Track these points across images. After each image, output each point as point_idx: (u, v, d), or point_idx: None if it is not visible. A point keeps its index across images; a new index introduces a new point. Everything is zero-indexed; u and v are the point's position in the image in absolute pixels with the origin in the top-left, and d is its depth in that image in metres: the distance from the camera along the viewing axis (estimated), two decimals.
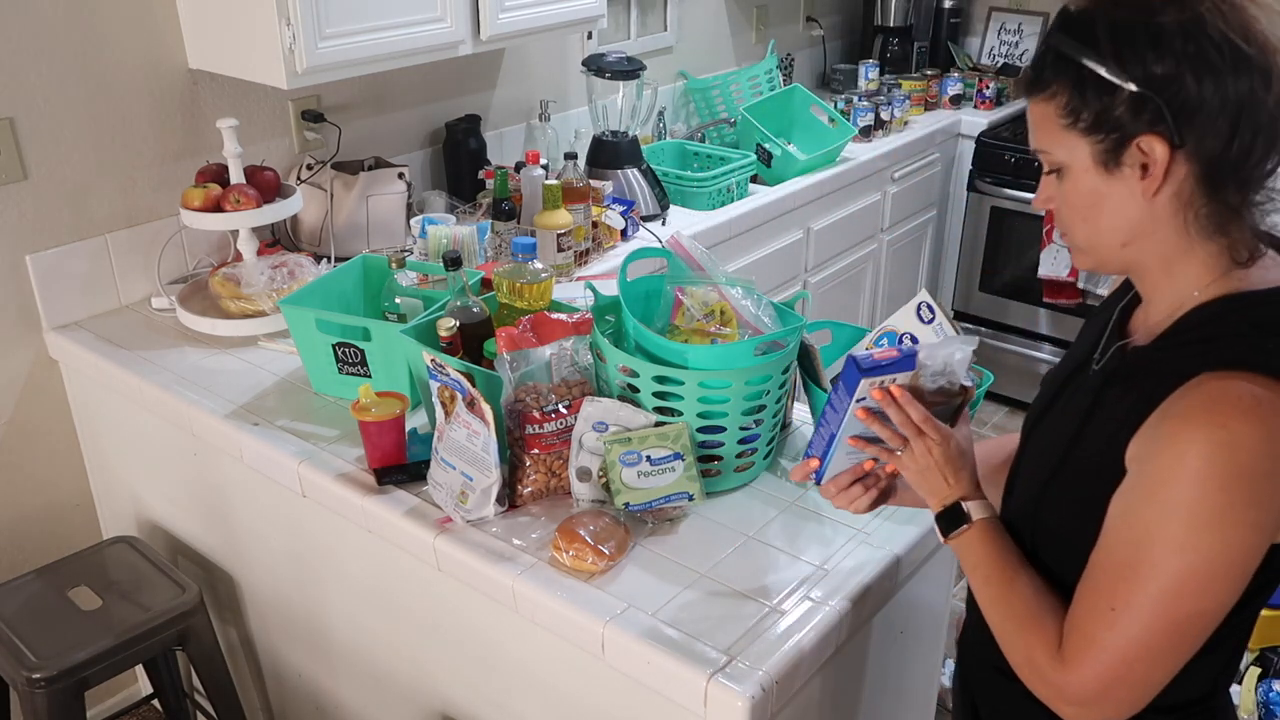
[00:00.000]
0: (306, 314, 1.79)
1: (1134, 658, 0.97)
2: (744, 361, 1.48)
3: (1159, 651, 0.97)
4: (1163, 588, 0.95)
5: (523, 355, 1.52)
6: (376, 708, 1.87)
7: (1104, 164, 0.99)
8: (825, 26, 4.05)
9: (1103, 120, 0.97)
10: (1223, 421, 0.92)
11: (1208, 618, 0.97)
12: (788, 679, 1.29)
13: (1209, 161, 0.96)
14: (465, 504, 1.50)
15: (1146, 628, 0.96)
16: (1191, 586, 0.94)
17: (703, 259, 1.68)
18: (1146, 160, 0.96)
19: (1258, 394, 0.92)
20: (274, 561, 1.92)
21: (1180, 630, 0.96)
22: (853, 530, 1.52)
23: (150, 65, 2.16)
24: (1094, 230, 1.03)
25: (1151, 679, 0.99)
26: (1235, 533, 0.93)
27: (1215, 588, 0.95)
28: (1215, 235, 0.99)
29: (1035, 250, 3.62)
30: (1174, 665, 0.99)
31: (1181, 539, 0.93)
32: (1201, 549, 0.93)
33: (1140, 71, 0.94)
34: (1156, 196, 0.98)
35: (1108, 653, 0.98)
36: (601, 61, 2.73)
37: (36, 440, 2.20)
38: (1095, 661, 0.99)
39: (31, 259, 2.07)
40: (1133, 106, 0.95)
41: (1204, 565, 0.94)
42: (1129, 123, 0.96)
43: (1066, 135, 1.00)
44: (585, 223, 2.40)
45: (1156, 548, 0.95)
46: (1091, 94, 0.97)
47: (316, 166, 2.38)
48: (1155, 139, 0.95)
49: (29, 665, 1.71)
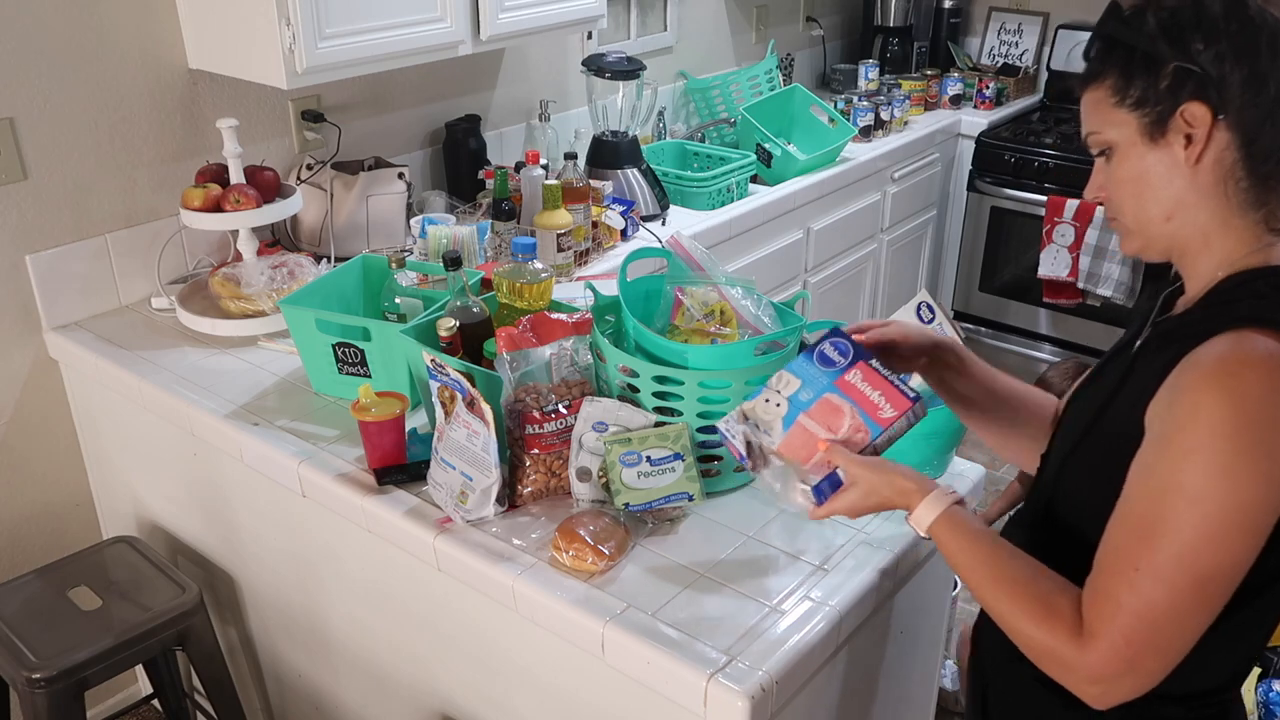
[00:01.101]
0: (306, 314, 1.79)
1: (1161, 621, 0.96)
2: (744, 361, 1.48)
3: (1185, 612, 0.96)
4: (1183, 543, 0.95)
5: (523, 355, 1.52)
6: (376, 708, 1.87)
7: (1150, 136, 1.04)
8: (825, 26, 4.05)
9: (1149, 94, 1.03)
10: (1235, 373, 0.94)
11: (1227, 573, 0.96)
12: (788, 679, 1.29)
13: (1249, 133, 1.00)
14: (465, 504, 1.50)
15: (1171, 586, 0.95)
16: (1209, 540, 0.94)
17: (703, 259, 1.68)
18: (1190, 129, 1.01)
19: (1271, 348, 0.95)
20: (274, 561, 1.92)
21: (1203, 588, 0.96)
22: (853, 530, 1.52)
23: (150, 65, 2.16)
24: (1140, 206, 1.08)
25: (1178, 643, 0.98)
26: (1247, 482, 0.93)
27: (1231, 540, 0.94)
28: (1253, 208, 1.03)
29: (1035, 250, 3.62)
30: (1199, 627, 0.98)
31: (1195, 490, 0.94)
32: (1215, 498, 0.94)
33: (1185, 47, 1.00)
34: (1199, 164, 1.02)
35: (1134, 617, 0.97)
36: (601, 61, 2.73)
37: (36, 440, 2.20)
38: (1123, 629, 0.97)
39: (31, 259, 2.07)
40: (1177, 79, 1.01)
41: (1218, 515, 0.94)
42: (1174, 94, 1.01)
43: (1115, 113, 1.06)
44: (585, 223, 2.40)
45: (1172, 501, 0.95)
46: (1139, 71, 1.03)
47: (316, 166, 2.38)
48: (1200, 105, 1.00)
49: (29, 665, 1.71)
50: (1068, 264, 3.54)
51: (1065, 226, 3.52)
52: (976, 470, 1.68)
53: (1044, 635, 1.03)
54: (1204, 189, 1.04)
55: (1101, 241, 3.43)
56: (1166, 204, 1.06)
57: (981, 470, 1.68)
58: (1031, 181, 3.65)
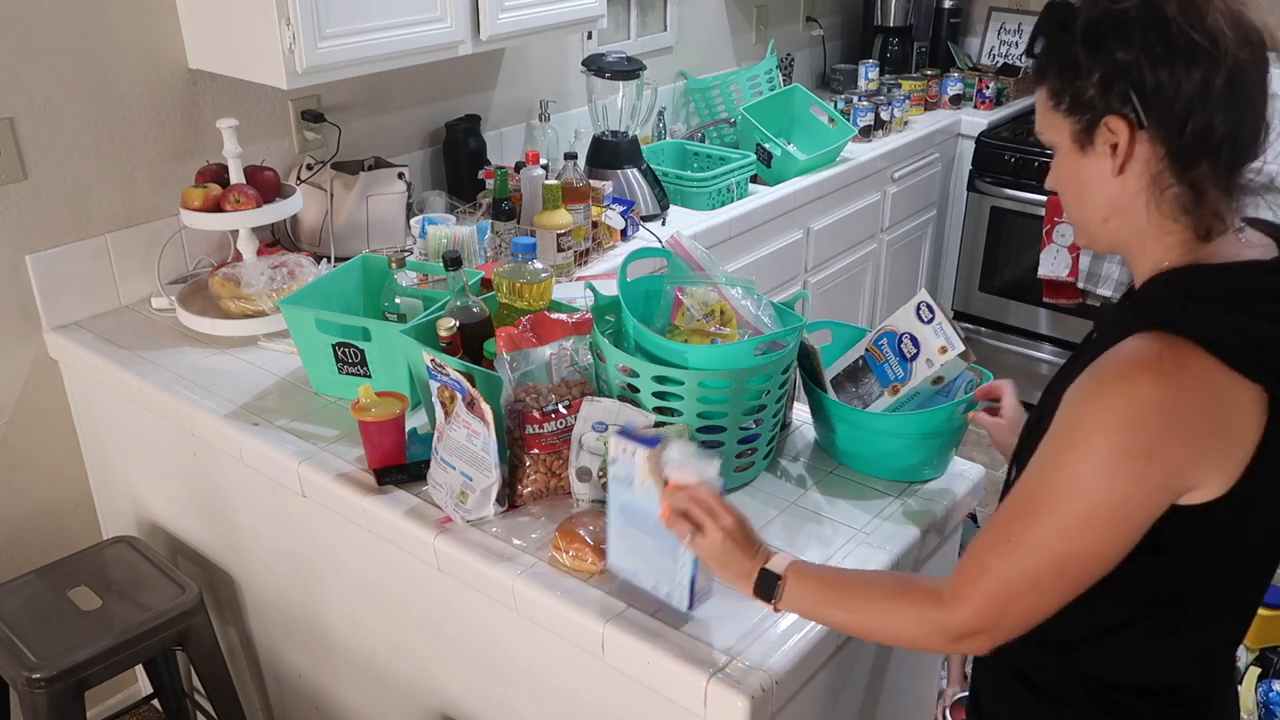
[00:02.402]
0: (306, 314, 1.79)
1: (1022, 589, 1.04)
2: (744, 361, 1.48)
3: (1043, 586, 1.04)
4: (1054, 525, 1.01)
5: (523, 355, 1.52)
6: (376, 708, 1.87)
7: (1080, 143, 1.07)
8: (825, 26, 4.05)
9: (1078, 102, 1.05)
10: (1129, 376, 0.99)
11: (1090, 560, 1.02)
12: (788, 679, 1.29)
13: (1171, 142, 1.02)
14: (465, 504, 1.50)
15: (1035, 561, 1.03)
16: (1078, 527, 1.00)
17: (703, 259, 1.68)
18: (1114, 139, 1.04)
19: (1163, 352, 0.98)
20: (274, 561, 1.92)
21: (1063, 568, 1.02)
22: (853, 530, 1.52)
23: (150, 65, 2.16)
24: (1080, 206, 1.12)
25: (1033, 610, 1.05)
26: (1121, 482, 0.98)
27: (1098, 530, 1.00)
28: (1184, 212, 1.05)
29: (1035, 250, 3.62)
30: (1056, 602, 1.05)
31: (1074, 481, 1.00)
32: (1090, 493, 0.99)
33: (1108, 57, 1.02)
34: (1124, 174, 1.05)
35: (998, 581, 1.05)
36: (601, 61, 2.73)
37: (36, 440, 2.20)
38: (986, 590, 1.06)
39: (31, 259, 2.07)
40: (1102, 89, 1.03)
41: (1087, 507, 1.00)
42: (1099, 104, 1.04)
43: (1053, 116, 1.09)
44: (585, 223, 2.40)
45: (1051, 487, 1.02)
46: (1070, 78, 1.05)
47: (316, 166, 2.38)
48: (1119, 120, 1.03)
49: (29, 665, 1.71)
50: (1068, 264, 3.54)
51: (1065, 226, 3.51)
52: (976, 470, 1.68)
53: (911, 606, 1.11)
54: (1134, 195, 1.06)
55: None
56: (1102, 208, 1.09)
57: (981, 470, 1.68)
58: (1031, 181, 3.65)
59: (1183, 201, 1.04)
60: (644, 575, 1.34)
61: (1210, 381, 0.97)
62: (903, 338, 1.66)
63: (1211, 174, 1.02)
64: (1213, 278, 1.04)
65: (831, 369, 1.74)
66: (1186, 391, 0.97)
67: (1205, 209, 1.04)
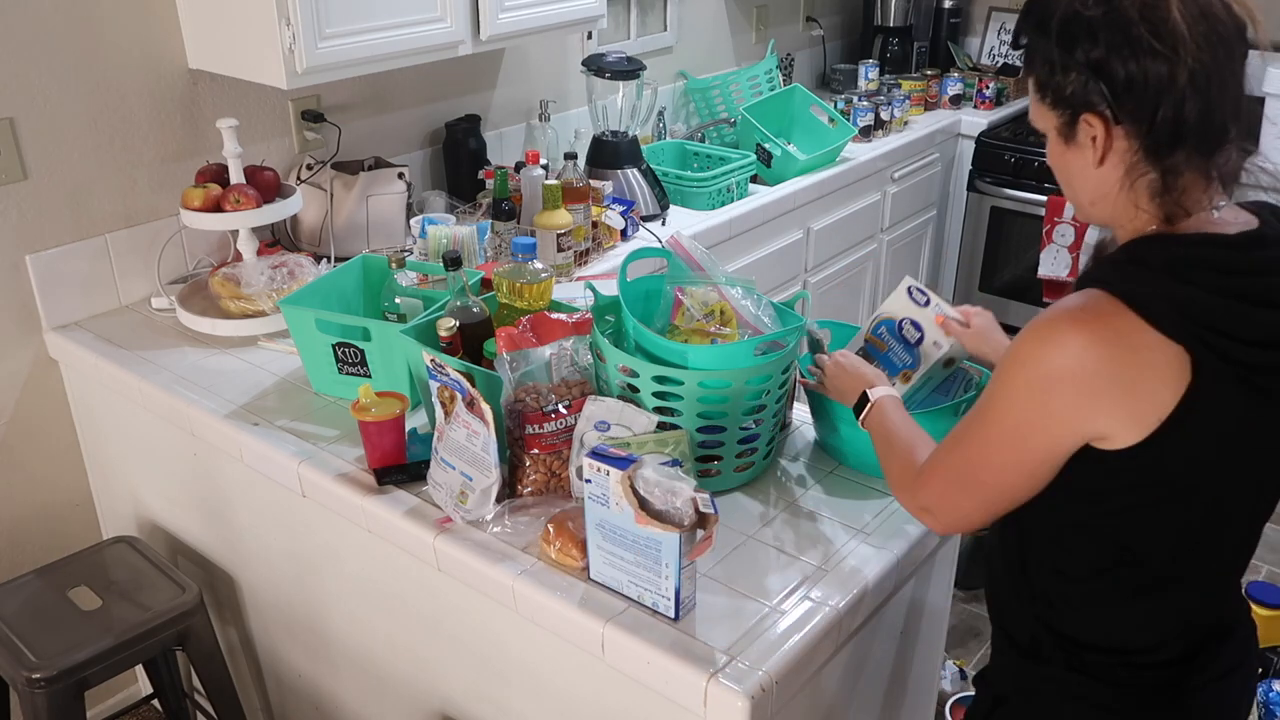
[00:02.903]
0: (306, 314, 1.79)
1: (952, 480, 1.21)
2: (744, 361, 1.48)
3: (967, 482, 1.20)
4: (978, 434, 1.17)
5: (523, 355, 1.52)
6: (376, 708, 1.87)
7: (1064, 136, 1.14)
8: (825, 26, 4.05)
9: (1059, 98, 1.12)
10: (1051, 321, 1.08)
11: (998, 471, 1.16)
12: (788, 679, 1.29)
13: (1144, 135, 1.08)
14: (465, 504, 1.50)
15: (962, 459, 1.20)
16: (990, 438, 1.15)
17: (703, 259, 1.68)
18: (1093, 133, 1.10)
19: (1089, 305, 1.07)
20: (274, 561, 1.93)
21: (978, 473, 1.18)
22: (853, 530, 1.52)
23: (150, 65, 2.16)
24: (1069, 189, 1.20)
25: (960, 503, 1.22)
26: (1019, 404, 1.11)
27: (1003, 444, 1.14)
28: (1159, 195, 1.10)
29: (1035, 250, 3.62)
30: (976, 498, 1.20)
31: (991, 398, 1.15)
32: (999, 408, 1.14)
33: (1081, 57, 1.08)
34: (1103, 165, 1.12)
35: (939, 472, 1.23)
36: (601, 61, 2.73)
37: (36, 440, 2.20)
38: (932, 477, 1.24)
39: (31, 259, 2.07)
40: (1079, 87, 1.09)
41: (996, 422, 1.14)
42: (1078, 101, 1.10)
43: (1041, 108, 1.16)
44: (585, 223, 2.40)
45: (983, 402, 1.16)
46: (1050, 75, 1.12)
47: (316, 166, 2.38)
48: (1096, 116, 1.09)
49: (29, 665, 1.71)
50: (1068, 264, 3.54)
51: (1065, 226, 3.52)
52: None
53: (900, 469, 1.32)
54: (1114, 182, 1.12)
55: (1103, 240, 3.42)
56: (1088, 192, 1.16)
57: None
58: (1031, 181, 3.65)
59: (1153, 188, 1.10)
60: (627, 586, 1.36)
61: (1126, 336, 1.04)
62: (902, 324, 1.66)
63: (1186, 161, 1.08)
64: (1163, 246, 1.10)
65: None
66: (1099, 341, 1.05)
67: (1172, 195, 1.09)
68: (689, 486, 1.28)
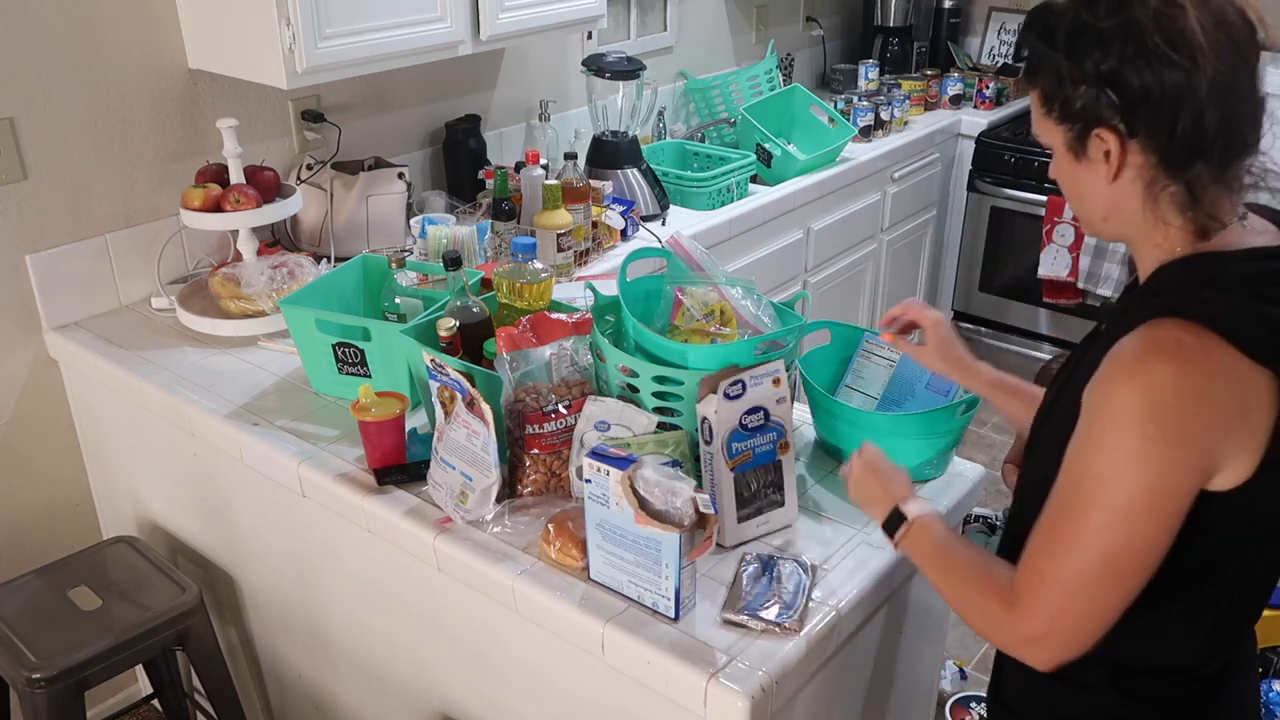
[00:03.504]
0: (306, 314, 1.79)
1: (1075, 590, 1.04)
2: (744, 361, 1.48)
3: (1095, 585, 1.03)
4: (1095, 521, 1.02)
5: (523, 355, 1.52)
6: (376, 708, 1.87)
7: (1074, 151, 1.09)
8: (825, 26, 4.05)
9: (1068, 111, 1.07)
10: (1147, 363, 0.99)
11: (1138, 554, 1.02)
12: (788, 679, 1.29)
13: (1162, 148, 1.03)
14: (465, 504, 1.50)
15: (1083, 560, 1.03)
16: (1117, 520, 1.01)
17: (703, 259, 1.68)
18: (1106, 148, 1.06)
19: (1182, 338, 0.99)
20: (274, 561, 1.92)
21: (1112, 564, 1.02)
22: (853, 530, 1.52)
23: (150, 65, 2.16)
24: (1079, 205, 1.14)
25: (1091, 614, 1.05)
26: (1154, 468, 0.99)
27: (1138, 521, 1.01)
28: (1184, 209, 1.06)
29: (1035, 250, 3.62)
30: (1113, 598, 1.04)
31: (1108, 473, 1.01)
32: (1125, 483, 1.00)
33: (1092, 69, 1.03)
34: (1118, 181, 1.07)
35: (1052, 587, 1.05)
36: (601, 61, 2.73)
37: (36, 440, 2.20)
38: (1043, 597, 1.06)
39: (31, 259, 2.07)
40: (1090, 100, 1.05)
41: (1125, 499, 1.00)
42: (1089, 115, 1.05)
43: (1046, 123, 1.11)
44: (585, 223, 2.40)
45: (1089, 483, 1.03)
46: (1058, 88, 1.07)
47: (316, 166, 2.38)
48: (1110, 131, 1.05)
49: (29, 665, 1.71)
50: (1068, 264, 3.54)
51: (1065, 226, 3.52)
52: (976, 470, 1.68)
53: (983, 600, 1.12)
54: (1132, 197, 1.08)
55: (1101, 241, 3.43)
56: (1101, 207, 1.11)
57: (981, 470, 1.68)
58: (1031, 181, 3.65)
59: (1179, 201, 1.05)
60: (627, 586, 1.36)
61: (1229, 366, 0.98)
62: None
63: (1206, 171, 1.04)
64: (1225, 265, 1.05)
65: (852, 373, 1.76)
66: (1208, 376, 0.98)
67: (1201, 207, 1.05)
68: (689, 487, 1.28)
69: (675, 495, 1.27)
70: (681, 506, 1.27)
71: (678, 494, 1.27)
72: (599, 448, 1.34)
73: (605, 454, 1.31)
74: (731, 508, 1.45)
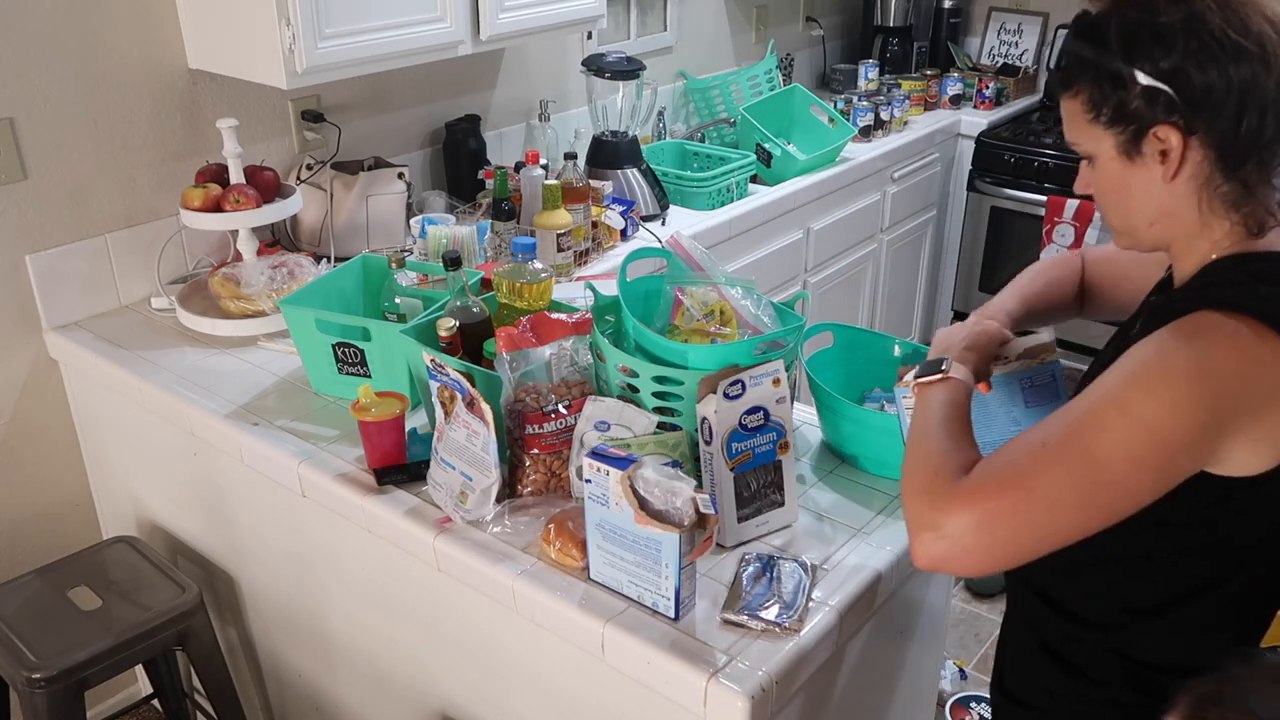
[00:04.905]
0: (306, 314, 1.79)
1: (1036, 495, 0.99)
2: (744, 361, 1.48)
3: (1063, 497, 0.99)
4: (1100, 442, 0.98)
5: (522, 355, 1.52)
6: (376, 708, 1.87)
7: (1126, 153, 1.07)
8: (825, 26, 4.05)
9: (1121, 113, 1.05)
10: (1204, 338, 0.99)
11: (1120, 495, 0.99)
12: (788, 679, 1.29)
13: (1221, 144, 1.03)
14: (465, 504, 1.50)
15: (1065, 469, 0.99)
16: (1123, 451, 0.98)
17: (702, 259, 1.68)
18: (1164, 147, 1.04)
19: (1241, 329, 0.99)
20: (274, 561, 1.93)
21: (1094, 488, 0.98)
22: (853, 530, 1.52)
23: (150, 65, 2.16)
24: (1125, 213, 1.12)
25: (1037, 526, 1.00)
26: (1181, 424, 0.97)
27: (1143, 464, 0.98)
28: (1231, 211, 1.06)
29: (1035, 250, 3.62)
30: (1067, 524, 1.00)
31: (1133, 406, 0.98)
32: (1148, 421, 0.98)
33: (1150, 66, 1.02)
34: (1175, 179, 1.06)
35: (1013, 475, 1.00)
36: (601, 61, 2.73)
37: (36, 440, 2.20)
38: (996, 477, 1.01)
39: (31, 259, 2.07)
40: (1146, 99, 1.03)
41: (1143, 436, 0.98)
42: (1145, 114, 1.04)
43: (1092, 129, 1.09)
44: (585, 223, 2.40)
45: (1107, 407, 1.00)
46: (1109, 90, 1.06)
47: (316, 166, 2.38)
48: (1170, 128, 1.03)
49: (29, 665, 1.71)
50: None
51: (1065, 226, 3.52)
52: None
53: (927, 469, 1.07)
54: (1184, 198, 1.07)
55: (1102, 241, 3.43)
56: (1150, 212, 1.10)
57: None
58: (1031, 181, 3.65)
59: (1233, 199, 1.05)
60: (627, 586, 1.36)
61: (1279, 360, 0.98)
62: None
63: (1258, 170, 1.04)
64: (1274, 263, 1.05)
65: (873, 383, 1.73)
66: (1258, 364, 0.98)
67: (1256, 203, 1.05)
68: (689, 487, 1.28)
69: (675, 495, 1.27)
70: (681, 506, 1.27)
71: (678, 494, 1.27)
72: (599, 448, 1.34)
73: (605, 454, 1.31)
74: (731, 508, 1.45)
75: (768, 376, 1.44)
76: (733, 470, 1.44)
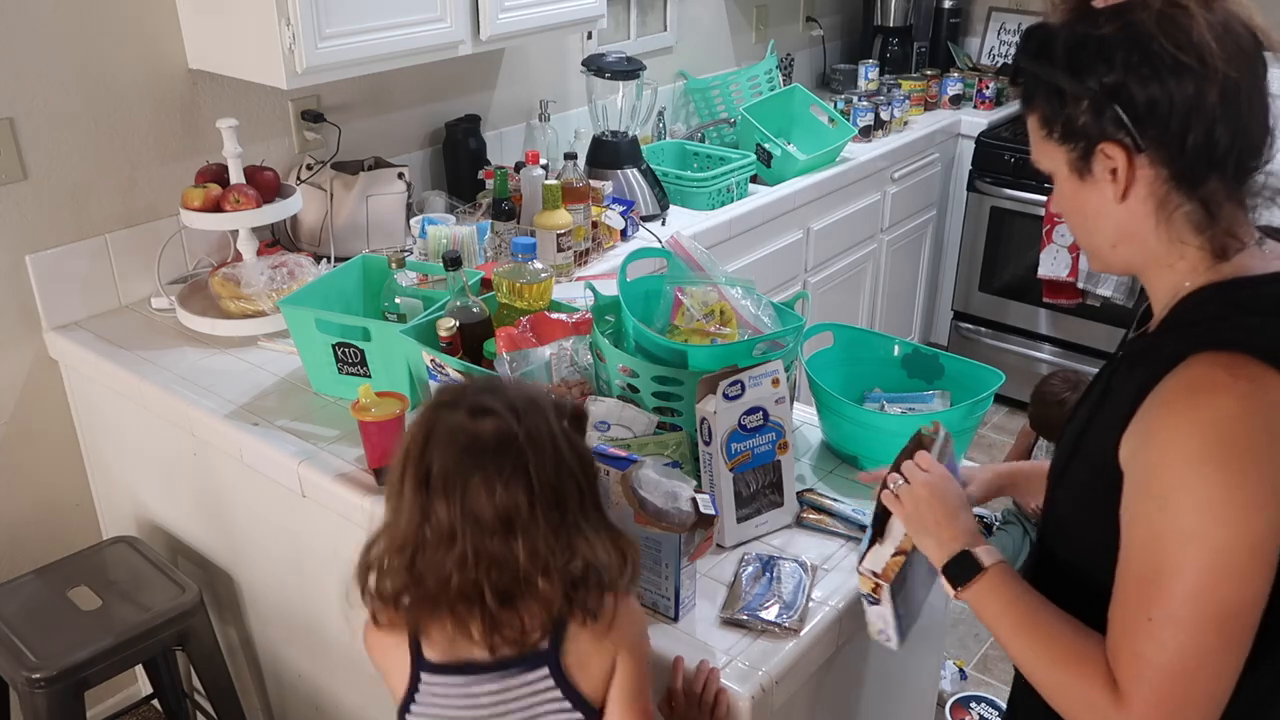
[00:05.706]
0: (306, 314, 1.79)
1: (1193, 668, 0.92)
2: (744, 361, 1.48)
3: (1213, 655, 0.92)
4: (1192, 584, 0.91)
5: (523, 355, 1.52)
6: (376, 708, 1.87)
7: (1078, 172, 1.03)
8: (825, 26, 4.05)
9: (1070, 130, 1.01)
10: (1199, 403, 0.92)
11: (1247, 606, 0.92)
12: (788, 679, 1.29)
13: (1174, 161, 0.97)
14: None
15: (1192, 630, 0.91)
16: (1218, 576, 0.90)
17: (702, 259, 1.68)
18: (1113, 165, 0.99)
19: (1235, 371, 0.93)
20: (274, 561, 1.92)
21: (1225, 626, 0.91)
22: (853, 529, 1.52)
23: (150, 65, 2.16)
24: (1086, 233, 1.07)
25: (1216, 689, 0.93)
26: (1238, 513, 0.90)
27: (1242, 571, 0.91)
28: (1200, 229, 1.00)
29: (1035, 250, 3.61)
30: (1231, 668, 0.93)
31: (1189, 529, 0.91)
32: (1211, 533, 0.90)
33: (1094, 81, 0.97)
34: (1127, 199, 1.01)
35: (1162, 671, 0.92)
36: (601, 61, 2.73)
37: (36, 440, 2.20)
38: (1153, 685, 0.93)
39: (31, 259, 2.07)
40: (1093, 114, 0.99)
41: (1219, 550, 0.90)
42: (1092, 130, 0.99)
43: (1047, 145, 1.05)
44: (585, 223, 2.40)
45: (1168, 545, 0.92)
46: (1058, 106, 1.01)
47: (316, 166, 2.38)
48: (1115, 146, 0.98)
49: (29, 665, 1.71)
50: (1068, 264, 3.53)
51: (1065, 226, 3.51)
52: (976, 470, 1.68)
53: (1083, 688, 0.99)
54: (1142, 219, 1.01)
55: None
56: (1110, 233, 1.04)
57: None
58: (1031, 181, 3.65)
59: (1195, 220, 0.99)
60: None
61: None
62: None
63: (1222, 188, 0.98)
64: (1258, 290, 0.99)
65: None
66: (1269, 405, 0.91)
67: (1219, 226, 0.99)
68: (689, 487, 1.28)
69: (675, 496, 1.27)
70: (681, 507, 1.27)
71: (678, 495, 1.27)
72: (599, 448, 1.34)
73: (605, 454, 1.31)
74: (731, 508, 1.45)
75: (767, 377, 1.44)
76: (732, 470, 1.44)
